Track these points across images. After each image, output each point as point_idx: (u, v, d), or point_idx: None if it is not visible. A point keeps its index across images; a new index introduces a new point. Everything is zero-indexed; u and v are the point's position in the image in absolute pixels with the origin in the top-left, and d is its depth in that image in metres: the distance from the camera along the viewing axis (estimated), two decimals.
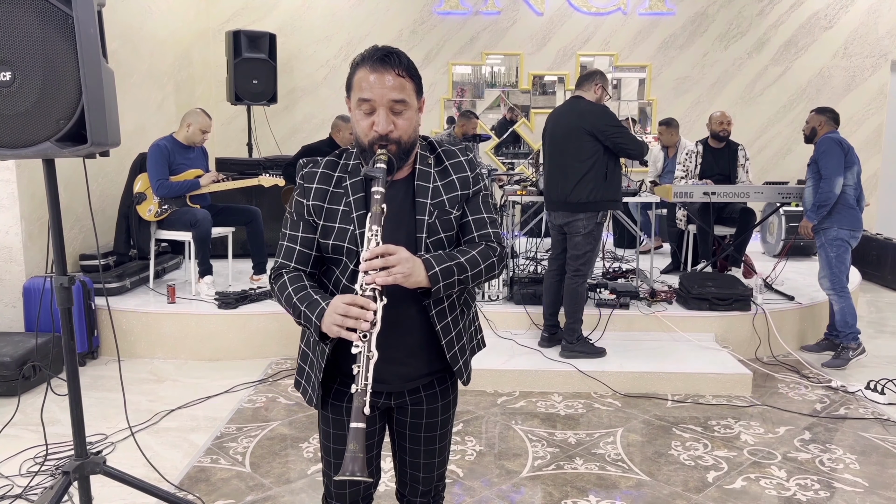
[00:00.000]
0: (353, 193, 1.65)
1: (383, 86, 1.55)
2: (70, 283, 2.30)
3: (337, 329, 1.48)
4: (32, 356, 3.99)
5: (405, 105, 1.58)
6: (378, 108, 1.57)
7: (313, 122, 7.95)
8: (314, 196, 1.67)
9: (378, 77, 1.55)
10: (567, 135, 4.18)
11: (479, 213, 1.71)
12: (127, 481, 2.48)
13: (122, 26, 5.75)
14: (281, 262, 1.70)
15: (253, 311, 4.68)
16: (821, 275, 4.63)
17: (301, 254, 1.68)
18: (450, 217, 1.67)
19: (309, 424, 3.64)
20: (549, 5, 7.82)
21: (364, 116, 1.59)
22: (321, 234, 1.66)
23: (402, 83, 1.57)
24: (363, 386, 1.44)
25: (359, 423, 1.41)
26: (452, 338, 1.70)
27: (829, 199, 4.46)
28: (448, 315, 1.68)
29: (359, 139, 1.62)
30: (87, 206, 5.24)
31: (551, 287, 4.43)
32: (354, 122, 1.62)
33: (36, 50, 2.01)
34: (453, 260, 1.59)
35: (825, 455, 3.33)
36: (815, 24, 7.80)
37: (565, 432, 3.57)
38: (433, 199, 1.66)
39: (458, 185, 1.70)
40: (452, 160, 1.72)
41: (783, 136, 8.01)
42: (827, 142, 4.53)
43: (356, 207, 1.64)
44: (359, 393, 1.43)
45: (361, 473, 1.35)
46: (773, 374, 4.43)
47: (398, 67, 1.57)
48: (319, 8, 7.84)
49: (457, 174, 1.71)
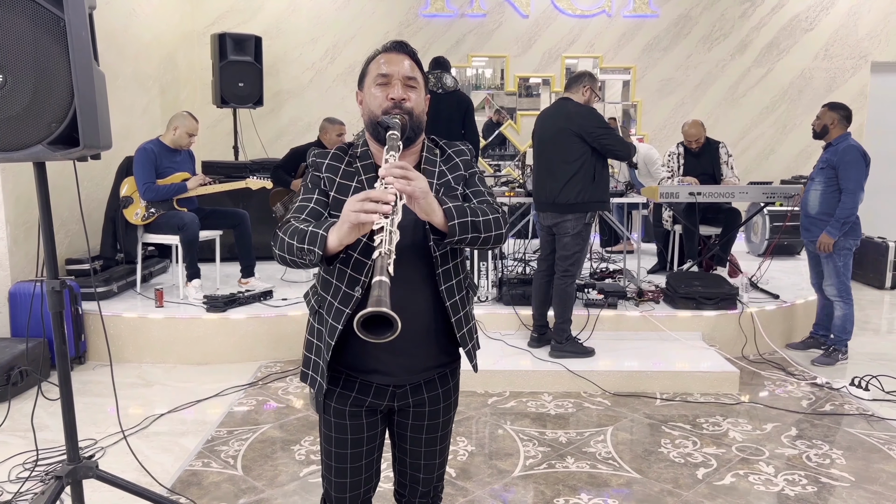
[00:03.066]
0: (364, 173, 1.71)
1: (399, 63, 1.69)
2: (61, 286, 2.29)
3: (355, 214, 1.41)
4: (20, 361, 3.96)
5: (417, 83, 1.71)
6: (394, 81, 1.68)
7: (299, 125, 7.93)
8: (327, 169, 1.73)
9: (395, 56, 1.70)
10: (555, 136, 4.22)
11: (476, 187, 1.79)
12: (120, 485, 2.48)
13: (106, 29, 5.71)
14: (291, 216, 1.67)
15: (242, 315, 4.66)
16: (826, 282, 4.59)
17: (313, 210, 1.69)
18: (455, 193, 1.74)
19: (300, 427, 3.64)
20: (535, 8, 7.86)
21: (380, 90, 1.68)
22: (333, 206, 1.69)
23: (414, 68, 1.72)
24: (387, 250, 1.36)
25: (382, 277, 1.32)
26: (461, 318, 1.73)
27: (852, 215, 4.37)
28: (456, 294, 1.72)
29: (372, 113, 1.69)
30: (72, 210, 5.20)
31: (540, 288, 4.46)
32: (369, 99, 1.70)
33: (27, 53, 2.01)
34: (470, 212, 1.60)
35: (812, 451, 3.38)
36: (796, 26, 7.90)
37: (556, 432, 3.59)
38: (439, 179, 1.74)
39: (462, 166, 1.79)
40: (454, 148, 1.83)
41: (766, 137, 8.10)
42: (853, 152, 4.38)
43: (368, 185, 1.68)
44: (382, 256, 1.35)
45: (388, 308, 1.26)
46: (760, 371, 4.49)
47: (411, 56, 1.73)
48: (305, 11, 7.83)
49: (459, 157, 1.81)
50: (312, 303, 1.77)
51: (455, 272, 1.72)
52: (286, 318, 4.71)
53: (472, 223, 1.58)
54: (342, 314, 1.64)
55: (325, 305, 1.69)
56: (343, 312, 1.64)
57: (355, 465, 1.78)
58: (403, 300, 1.56)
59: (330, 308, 1.67)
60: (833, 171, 4.45)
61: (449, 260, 1.70)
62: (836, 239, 4.43)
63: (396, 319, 1.26)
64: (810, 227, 4.64)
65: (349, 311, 1.63)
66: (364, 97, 1.74)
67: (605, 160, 4.26)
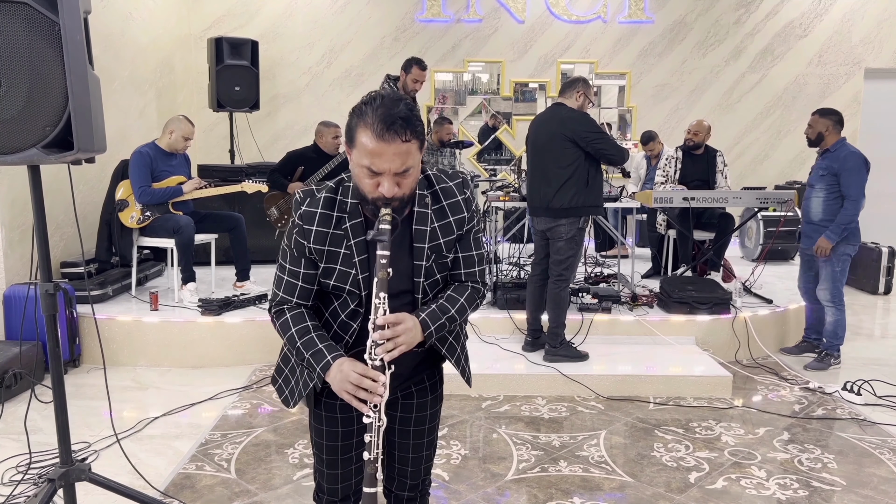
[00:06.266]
0: (354, 237, 1.64)
1: (389, 157, 1.50)
2: (55, 289, 2.30)
3: (349, 397, 1.57)
4: (13, 364, 3.96)
5: (410, 169, 1.55)
6: (383, 175, 1.53)
7: (295, 129, 7.94)
8: (315, 239, 1.64)
9: (384, 147, 1.49)
10: (549, 141, 4.23)
11: (469, 251, 1.76)
12: (113, 488, 2.48)
13: (103, 32, 5.72)
14: (282, 296, 1.73)
15: (236, 318, 4.67)
16: (821, 286, 4.58)
17: (303, 290, 1.71)
18: (445, 260, 1.73)
19: (294, 430, 3.64)
20: (531, 13, 7.90)
21: (368, 176, 1.54)
22: (322, 274, 1.69)
23: (408, 148, 1.52)
24: (375, 455, 1.55)
25: (371, 489, 1.54)
26: (450, 344, 1.80)
27: (853, 221, 4.37)
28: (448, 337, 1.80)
29: (362, 190, 1.58)
30: (67, 214, 5.20)
31: (534, 292, 4.47)
32: (357, 177, 1.58)
33: (22, 56, 2.02)
34: (445, 314, 1.69)
35: (804, 455, 3.40)
36: (790, 32, 7.95)
37: (549, 435, 3.60)
38: (430, 243, 1.68)
39: (455, 227, 1.71)
40: (450, 200, 1.70)
41: (760, 143, 8.14)
42: (855, 159, 4.38)
43: (358, 252, 1.64)
44: (370, 461, 1.55)
45: None
46: (753, 376, 4.50)
47: (404, 135, 1.50)
48: (301, 15, 7.85)
49: (454, 216, 1.70)
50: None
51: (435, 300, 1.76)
52: None
53: (449, 320, 1.69)
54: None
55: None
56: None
57: (346, 457, 1.82)
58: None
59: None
60: (834, 177, 4.43)
61: (430, 294, 1.74)
62: (834, 244, 4.41)
63: None
64: (812, 234, 4.60)
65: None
66: (351, 162, 1.59)
67: (598, 165, 4.28)
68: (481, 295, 1.79)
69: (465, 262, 1.76)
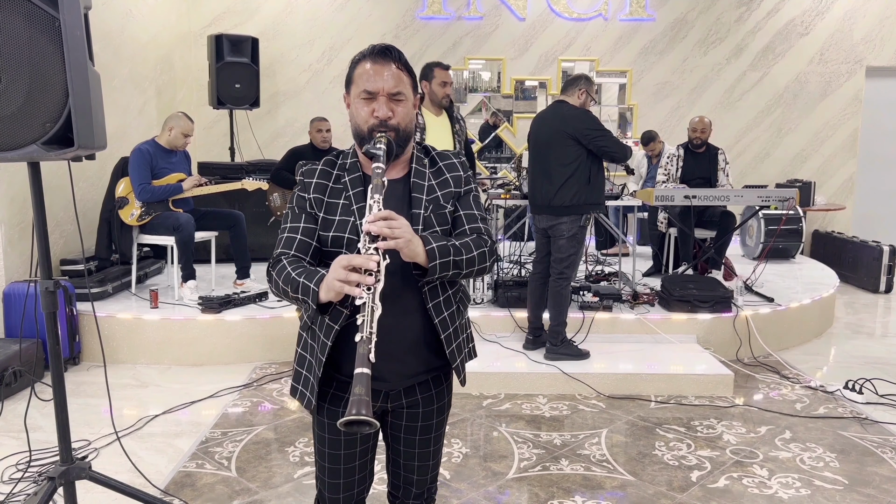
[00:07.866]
0: (352, 188, 1.71)
1: (383, 77, 1.65)
2: (55, 287, 2.29)
3: (340, 284, 1.47)
4: (13, 362, 3.95)
5: (403, 96, 1.67)
6: (378, 97, 1.65)
7: (296, 126, 7.92)
8: (314, 189, 1.72)
9: (378, 68, 1.65)
10: (550, 139, 4.22)
11: (469, 209, 1.78)
12: (113, 486, 2.47)
13: (103, 29, 5.71)
14: (280, 250, 1.71)
15: (236, 316, 4.66)
16: None
17: (301, 242, 1.70)
18: (444, 211, 1.73)
19: (294, 428, 3.63)
20: (531, 11, 7.87)
21: (364, 104, 1.66)
22: (322, 226, 1.70)
23: (400, 75, 1.67)
24: (367, 335, 1.45)
25: (364, 369, 1.41)
26: (451, 333, 1.72)
27: None
28: (445, 310, 1.71)
29: (358, 127, 1.68)
30: (67, 211, 5.19)
31: (535, 290, 4.46)
32: (354, 112, 1.69)
33: (22, 53, 2.01)
34: (448, 241, 1.64)
35: (805, 454, 3.39)
36: (791, 30, 7.93)
37: (550, 434, 3.59)
38: (428, 195, 1.73)
39: (452, 183, 1.77)
40: (446, 161, 1.80)
41: (762, 141, 8.12)
42: None
43: (356, 200, 1.69)
44: (363, 341, 1.44)
45: (368, 414, 1.34)
46: (754, 374, 4.50)
47: (396, 61, 1.67)
48: (302, 12, 7.83)
49: (450, 173, 1.78)
50: (305, 318, 1.78)
51: (443, 288, 1.72)
52: (281, 319, 4.70)
53: (455, 262, 1.62)
54: (332, 330, 1.65)
55: (318, 321, 1.69)
56: (332, 329, 1.65)
57: (349, 466, 1.78)
58: (392, 314, 1.59)
59: (322, 324, 1.67)
60: None
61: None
62: None
63: (375, 424, 1.34)
64: None
65: (338, 328, 1.64)
66: (350, 106, 1.72)
67: (600, 162, 4.27)
68: (489, 246, 1.71)
69: (467, 218, 1.76)
